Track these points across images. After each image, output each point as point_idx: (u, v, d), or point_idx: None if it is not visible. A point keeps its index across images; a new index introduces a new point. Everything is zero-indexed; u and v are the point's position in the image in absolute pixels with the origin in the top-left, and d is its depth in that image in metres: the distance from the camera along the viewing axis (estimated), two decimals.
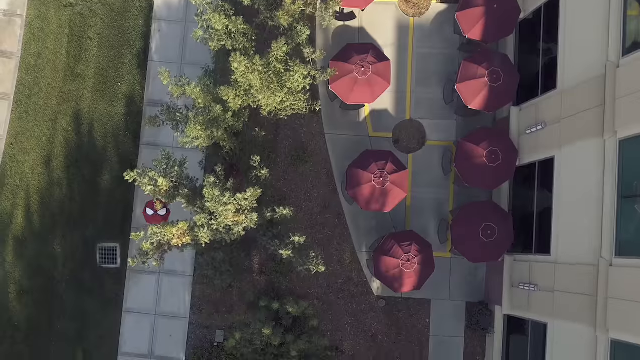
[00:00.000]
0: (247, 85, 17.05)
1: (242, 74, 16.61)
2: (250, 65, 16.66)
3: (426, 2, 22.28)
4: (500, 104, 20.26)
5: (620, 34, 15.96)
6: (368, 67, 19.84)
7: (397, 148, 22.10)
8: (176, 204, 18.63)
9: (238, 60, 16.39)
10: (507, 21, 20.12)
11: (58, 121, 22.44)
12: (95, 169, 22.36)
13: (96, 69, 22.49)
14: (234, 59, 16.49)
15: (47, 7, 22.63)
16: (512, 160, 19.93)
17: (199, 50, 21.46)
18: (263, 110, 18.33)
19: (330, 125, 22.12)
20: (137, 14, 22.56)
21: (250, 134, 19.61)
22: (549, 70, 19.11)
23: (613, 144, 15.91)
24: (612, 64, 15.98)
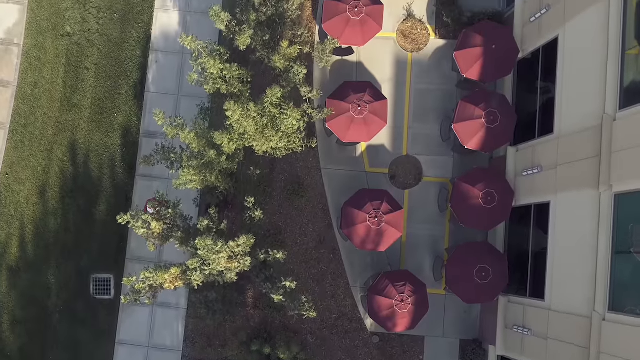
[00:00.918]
0: (242, 130, 16.98)
1: (237, 120, 16.54)
2: (245, 112, 16.59)
3: (424, 37, 22.20)
4: (497, 145, 20.18)
5: (618, 86, 15.86)
6: (365, 107, 19.76)
7: (394, 184, 22.02)
8: None
9: (232, 109, 16.32)
10: (505, 62, 20.03)
11: (54, 151, 22.38)
12: (91, 200, 22.31)
13: (93, 99, 22.42)
14: (228, 107, 16.43)
15: (45, 37, 22.57)
16: (508, 202, 19.85)
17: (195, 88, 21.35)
18: (258, 151, 18.27)
19: (326, 160, 22.05)
20: (135, 45, 22.49)
21: (246, 173, 19.53)
22: (546, 113, 19.02)
23: (608, 197, 15.80)
24: (609, 116, 15.88)
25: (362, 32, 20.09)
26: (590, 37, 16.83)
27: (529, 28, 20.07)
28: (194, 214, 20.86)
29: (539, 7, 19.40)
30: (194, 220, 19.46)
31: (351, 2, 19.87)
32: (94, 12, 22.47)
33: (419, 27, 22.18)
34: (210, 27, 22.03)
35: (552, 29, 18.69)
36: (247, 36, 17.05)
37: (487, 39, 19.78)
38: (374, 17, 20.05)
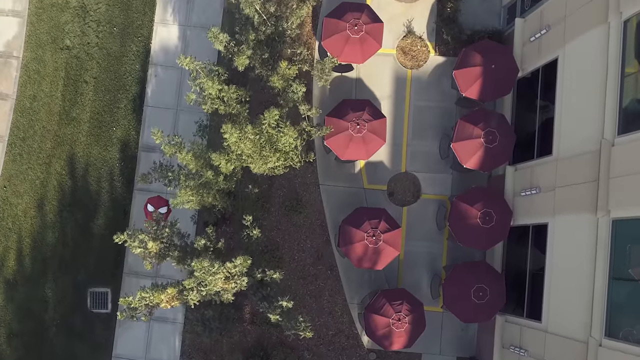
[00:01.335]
0: (239, 151, 16.96)
1: (234, 142, 16.52)
2: (242, 134, 16.57)
3: (424, 54, 22.16)
4: (495, 165, 20.16)
5: (617, 111, 15.81)
6: (363, 125, 19.73)
7: (392, 201, 21.99)
8: None
9: (230, 132, 16.30)
10: (504, 81, 19.99)
11: (52, 165, 22.36)
12: (89, 214, 22.28)
13: (91, 112, 22.40)
14: (225, 130, 16.41)
15: (44, 50, 22.54)
16: (506, 222, 19.82)
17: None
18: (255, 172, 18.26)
19: (325, 176, 22.01)
20: (134, 59, 22.46)
21: (244, 191, 19.50)
22: (545, 133, 18.98)
23: (606, 223, 15.75)
24: (607, 142, 15.84)
25: (362, 50, 20.06)
26: (590, 60, 16.79)
27: (528, 47, 20.03)
28: (192, 231, 20.85)
29: (539, 27, 19.36)
30: (191, 238, 19.46)
31: (351, 20, 19.83)
32: (94, 25, 22.44)
33: (419, 44, 22.15)
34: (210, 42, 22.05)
35: (552, 50, 18.65)
36: (246, 57, 17.03)
37: (487, 59, 19.74)
38: (373, 35, 20.01)
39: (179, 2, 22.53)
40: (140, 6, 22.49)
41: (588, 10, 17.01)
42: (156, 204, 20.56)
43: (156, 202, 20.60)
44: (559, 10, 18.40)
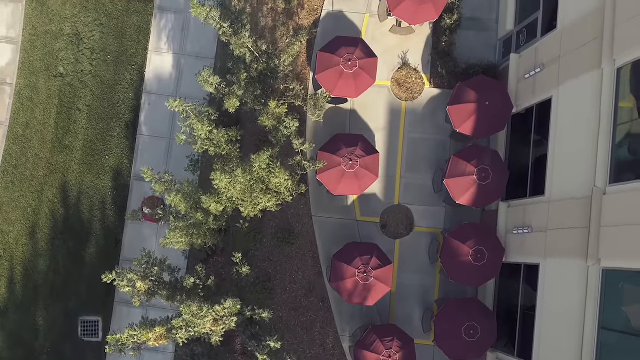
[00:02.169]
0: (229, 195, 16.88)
1: (224, 187, 16.44)
2: (232, 179, 16.49)
3: (419, 86, 22.07)
4: (488, 202, 20.07)
5: (609, 160, 15.73)
6: (356, 161, 19.65)
7: (385, 233, 21.91)
8: None
9: (219, 178, 16.22)
10: (498, 118, 19.90)
11: (44, 192, 22.29)
12: (80, 242, 22.21)
13: (84, 141, 22.32)
14: (214, 177, 16.32)
15: (37, 77, 22.46)
16: (498, 259, 19.75)
17: None
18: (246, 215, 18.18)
19: (317, 207, 21.94)
20: (128, 87, 22.37)
21: (235, 226, 19.42)
22: (538, 172, 18.89)
23: (596, 271, 15.68)
24: (599, 190, 15.76)
25: (356, 84, 19.97)
26: (583, 106, 16.70)
27: (523, 84, 19.93)
28: (183, 265, 20.78)
29: (533, 65, 19.27)
30: (182, 272, 19.39)
31: (345, 55, 19.74)
32: (88, 53, 22.35)
33: (414, 76, 22.05)
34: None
35: (546, 90, 18.56)
36: (236, 100, 16.96)
37: (481, 95, 19.65)
38: (367, 70, 19.93)
39: (174, 31, 22.43)
40: (135, 34, 22.40)
41: (582, 54, 16.92)
42: (151, 205, 20.43)
43: (151, 203, 20.46)
44: (553, 50, 18.31)
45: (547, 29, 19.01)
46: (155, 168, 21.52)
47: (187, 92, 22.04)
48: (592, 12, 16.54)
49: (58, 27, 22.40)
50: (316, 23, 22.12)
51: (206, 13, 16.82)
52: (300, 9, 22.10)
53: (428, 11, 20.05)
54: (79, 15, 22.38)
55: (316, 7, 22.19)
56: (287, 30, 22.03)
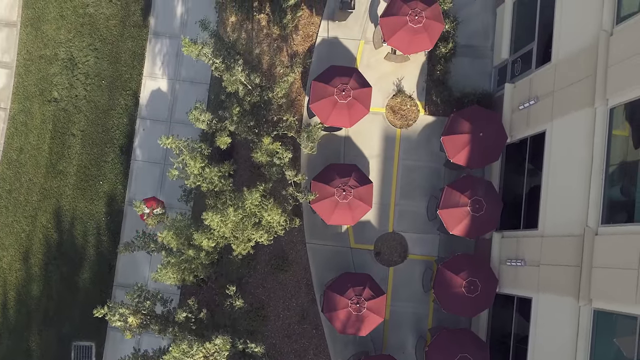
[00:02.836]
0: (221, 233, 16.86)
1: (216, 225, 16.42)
2: (224, 218, 16.45)
3: (414, 113, 22.03)
4: (482, 232, 20.03)
5: (601, 200, 15.69)
6: (350, 191, 19.60)
7: (379, 261, 21.88)
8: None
9: (210, 218, 16.19)
10: (492, 149, 19.85)
11: (38, 218, 22.26)
12: (74, 267, 22.19)
13: (78, 166, 22.29)
14: (205, 217, 16.29)
15: (31, 102, 22.42)
16: (492, 290, 19.70)
17: None
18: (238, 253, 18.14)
19: (311, 234, 21.89)
20: (122, 112, 22.34)
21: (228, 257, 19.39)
22: (532, 205, 18.84)
23: (588, 312, 15.64)
24: (591, 229, 15.71)
25: (349, 114, 19.92)
26: (576, 142, 16.66)
27: (517, 115, 19.88)
28: (176, 293, 20.76)
29: (528, 97, 19.22)
30: (175, 302, 19.37)
31: (339, 85, 19.68)
32: (82, 78, 22.31)
33: (409, 103, 22.01)
34: (199, 96, 21.99)
35: (540, 123, 18.51)
36: (228, 137, 16.92)
37: (475, 126, 19.60)
38: (361, 100, 19.88)
39: (168, 56, 22.38)
40: (129, 59, 22.36)
41: (575, 90, 16.86)
42: (150, 205, 20.36)
43: (151, 204, 20.40)
44: (547, 84, 18.26)
45: (542, 60, 18.95)
46: (149, 194, 21.68)
47: (181, 117, 22.01)
48: (586, 49, 16.48)
49: (52, 52, 22.36)
50: (311, 50, 22.07)
51: (198, 51, 16.78)
52: (295, 35, 22.05)
53: (423, 41, 20.00)
54: (73, 40, 22.34)
55: (311, 33, 22.15)
56: (282, 56, 21.98)
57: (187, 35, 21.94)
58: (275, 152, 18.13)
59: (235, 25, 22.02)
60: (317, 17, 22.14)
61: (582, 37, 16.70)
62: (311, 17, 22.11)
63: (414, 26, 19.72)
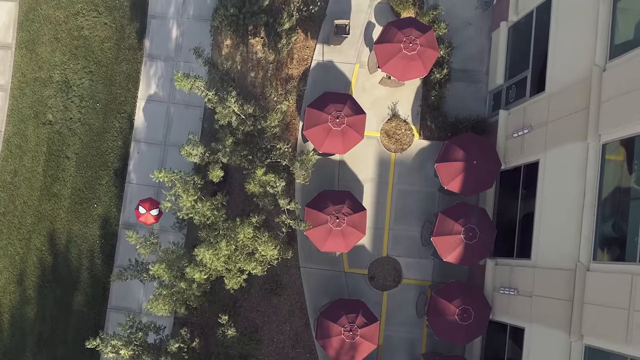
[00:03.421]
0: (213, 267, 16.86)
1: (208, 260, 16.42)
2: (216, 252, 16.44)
3: (408, 138, 22.01)
4: (475, 260, 19.99)
5: (592, 237, 15.67)
6: (343, 219, 19.58)
7: (373, 285, 21.87)
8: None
9: (202, 254, 16.18)
10: (486, 177, 19.82)
11: (32, 240, 22.27)
12: (68, 290, 22.19)
13: (72, 189, 22.28)
14: (197, 253, 16.29)
15: (26, 125, 22.41)
16: (485, 318, 19.69)
17: None
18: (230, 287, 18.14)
19: (305, 258, 21.89)
20: (116, 135, 22.32)
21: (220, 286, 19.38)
22: (526, 233, 18.82)
23: (579, 348, 15.63)
24: (583, 266, 15.70)
25: (343, 141, 19.90)
26: (569, 175, 16.63)
27: (511, 142, 19.86)
28: (169, 325, 20.75)
29: (522, 125, 19.20)
30: (168, 329, 19.36)
31: (332, 113, 19.67)
32: (77, 100, 22.30)
33: (403, 128, 21.99)
34: (194, 119, 22.03)
35: (534, 152, 18.49)
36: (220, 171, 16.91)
37: (469, 154, 19.57)
38: (355, 127, 19.86)
39: (163, 78, 22.37)
40: (124, 82, 22.34)
41: (568, 123, 16.84)
42: (147, 206, 20.39)
43: (147, 205, 20.43)
44: (541, 114, 18.24)
45: (536, 89, 18.92)
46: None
47: (176, 140, 22.03)
48: (579, 83, 16.45)
49: (47, 75, 22.35)
50: (306, 74, 22.05)
51: (190, 84, 16.76)
52: (290, 59, 22.02)
53: (417, 68, 19.97)
54: (68, 62, 22.33)
55: (306, 56, 22.13)
56: (277, 80, 21.94)
57: (181, 59, 22.17)
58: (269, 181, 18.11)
59: (230, 48, 22.00)
60: (312, 41, 22.12)
61: (576, 70, 16.68)
62: (306, 41, 22.09)
63: (409, 53, 19.69)
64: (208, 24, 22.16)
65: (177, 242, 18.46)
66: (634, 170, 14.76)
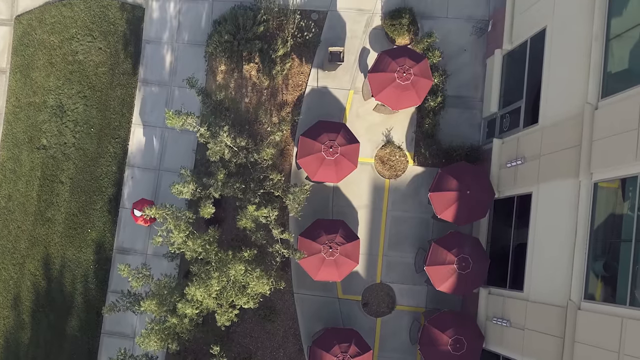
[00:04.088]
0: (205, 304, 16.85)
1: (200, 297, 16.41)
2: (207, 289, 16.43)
3: (403, 164, 21.99)
4: (468, 290, 20.01)
5: (583, 275, 15.66)
6: (336, 248, 19.58)
7: (366, 311, 21.87)
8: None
9: (192, 293, 16.17)
10: (480, 206, 19.80)
11: (26, 265, 22.27)
12: (62, 315, 22.20)
13: (66, 214, 22.27)
14: (188, 292, 16.27)
15: (20, 149, 22.41)
16: (478, 348, 19.68)
17: (172, 199, 21.17)
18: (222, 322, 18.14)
19: (299, 284, 21.89)
20: (111, 160, 22.31)
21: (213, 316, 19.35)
22: (519, 264, 18.80)
23: None
24: (574, 304, 15.68)
25: (337, 170, 19.89)
26: (561, 211, 16.61)
27: (505, 172, 19.85)
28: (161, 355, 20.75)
29: (515, 155, 19.18)
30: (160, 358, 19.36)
31: (326, 142, 19.65)
32: (71, 125, 22.28)
33: (398, 154, 21.97)
34: (187, 145, 22.00)
35: (527, 184, 18.47)
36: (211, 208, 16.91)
37: (462, 184, 19.55)
38: (349, 156, 19.84)
39: (157, 103, 22.35)
40: (118, 107, 22.32)
41: (561, 158, 16.81)
42: (141, 207, 20.42)
43: (141, 206, 20.45)
44: (534, 146, 18.21)
45: (530, 120, 18.90)
46: (138, 244, 21.68)
47: (170, 165, 22.03)
48: (572, 118, 16.42)
49: (42, 99, 22.34)
50: (300, 99, 22.04)
51: (182, 121, 16.75)
52: (285, 85, 22.01)
53: (411, 97, 19.95)
54: (62, 87, 22.31)
55: (300, 82, 22.11)
56: (271, 106, 21.90)
57: (176, 84, 22.21)
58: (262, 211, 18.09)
59: (225, 74, 21.98)
60: (306, 67, 22.10)
61: (568, 106, 16.65)
62: (300, 67, 22.07)
63: (402, 83, 19.67)
64: (203, 49, 22.14)
65: (170, 273, 18.44)
66: (626, 212, 14.74)
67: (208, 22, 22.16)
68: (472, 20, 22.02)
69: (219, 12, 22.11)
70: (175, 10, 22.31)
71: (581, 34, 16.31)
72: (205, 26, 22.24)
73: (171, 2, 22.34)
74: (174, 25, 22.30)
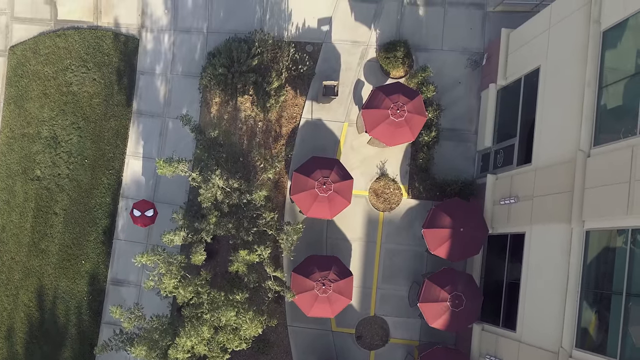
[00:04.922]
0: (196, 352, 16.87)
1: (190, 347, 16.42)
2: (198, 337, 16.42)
3: (397, 197, 21.96)
4: (462, 327, 19.96)
5: (575, 324, 15.63)
6: (329, 285, 19.55)
7: (360, 344, 21.86)
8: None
9: (183, 343, 16.15)
10: (473, 243, 19.77)
11: (19, 296, 22.26)
12: (55, 346, 22.19)
13: (60, 245, 22.26)
14: (178, 343, 16.25)
15: (14, 180, 22.38)
16: None
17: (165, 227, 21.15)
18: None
19: (293, 317, 21.87)
20: (105, 192, 22.28)
21: None
22: (511, 302, 18.79)
23: None
24: (565, 352, 15.67)
25: (330, 207, 19.86)
26: (554, 256, 16.58)
27: (499, 208, 19.81)
28: None
29: (509, 193, 19.15)
30: None
31: (319, 179, 19.61)
32: (65, 156, 22.26)
33: (392, 187, 21.94)
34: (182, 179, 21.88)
35: (520, 223, 18.44)
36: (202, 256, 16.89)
37: (456, 221, 19.52)
38: (342, 193, 19.81)
39: (152, 135, 22.32)
40: (112, 138, 22.29)
41: (553, 202, 16.78)
42: (142, 208, 20.40)
43: (142, 206, 20.42)
44: (527, 186, 18.18)
45: (524, 159, 18.86)
46: (132, 275, 21.67)
47: (164, 196, 22.00)
48: (564, 163, 16.39)
49: (36, 130, 22.31)
50: (294, 132, 22.00)
51: (174, 169, 16.72)
52: (279, 117, 21.97)
53: (404, 134, 19.91)
54: (56, 118, 22.28)
55: (295, 114, 22.08)
56: (265, 139, 21.87)
57: (170, 115, 22.11)
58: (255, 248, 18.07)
59: (219, 106, 21.95)
60: (300, 99, 22.07)
61: (561, 150, 16.62)
62: (295, 99, 22.04)
63: (396, 120, 19.63)
64: (197, 81, 22.11)
65: (162, 313, 18.41)
66: (618, 264, 14.70)
67: (202, 54, 22.13)
68: (467, 53, 21.98)
69: (213, 44, 22.07)
70: (169, 42, 22.27)
71: (575, 78, 16.28)
72: (200, 58, 22.20)
73: (165, 34, 22.30)
74: (168, 57, 22.26)
